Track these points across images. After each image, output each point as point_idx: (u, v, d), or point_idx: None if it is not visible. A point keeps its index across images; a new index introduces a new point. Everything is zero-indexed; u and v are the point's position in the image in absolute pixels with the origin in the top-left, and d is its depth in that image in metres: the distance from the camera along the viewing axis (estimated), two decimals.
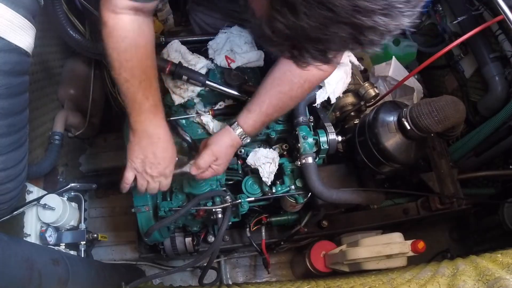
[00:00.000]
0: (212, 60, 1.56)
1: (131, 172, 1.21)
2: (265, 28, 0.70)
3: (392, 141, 1.36)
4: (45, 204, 1.52)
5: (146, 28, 1.12)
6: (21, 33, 0.95)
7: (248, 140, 1.34)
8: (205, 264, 1.56)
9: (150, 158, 1.18)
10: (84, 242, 1.68)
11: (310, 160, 1.40)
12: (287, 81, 1.24)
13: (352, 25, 0.62)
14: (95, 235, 1.83)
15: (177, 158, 1.43)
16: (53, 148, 1.72)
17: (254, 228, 1.75)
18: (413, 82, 2.18)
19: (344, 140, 1.54)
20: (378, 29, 0.63)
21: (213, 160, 1.27)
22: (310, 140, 1.41)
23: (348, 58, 1.61)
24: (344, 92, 1.62)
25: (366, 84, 1.64)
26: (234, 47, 1.56)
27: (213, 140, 1.29)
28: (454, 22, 2.13)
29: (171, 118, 1.55)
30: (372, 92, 1.62)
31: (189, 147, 1.50)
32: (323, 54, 0.70)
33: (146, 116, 1.14)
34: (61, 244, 1.60)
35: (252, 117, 1.28)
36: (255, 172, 1.51)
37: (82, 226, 1.75)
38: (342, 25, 0.62)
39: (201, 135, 1.53)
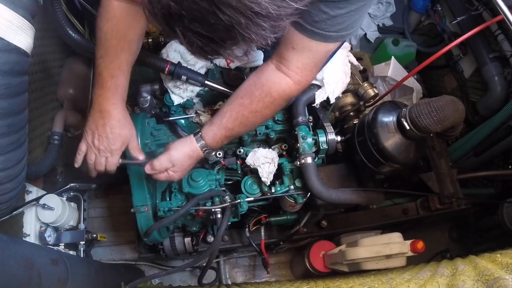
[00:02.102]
0: (211, 60, 1.56)
1: (83, 143, 1.27)
2: None
3: (391, 141, 1.36)
4: (44, 204, 1.52)
5: (132, 17, 1.15)
6: (20, 33, 0.95)
7: (212, 153, 1.33)
8: (204, 264, 1.56)
9: (100, 131, 1.22)
10: (84, 242, 1.68)
11: (309, 160, 1.39)
12: (250, 93, 1.21)
13: None
14: (95, 235, 1.83)
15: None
16: (52, 148, 1.72)
17: (253, 228, 1.75)
18: (412, 82, 2.18)
19: (343, 140, 1.54)
20: (235, 6, 0.63)
21: (169, 165, 1.25)
22: (310, 140, 1.41)
23: (347, 58, 1.61)
24: (343, 92, 1.62)
25: (365, 84, 1.64)
26: None
27: (174, 145, 1.28)
28: (454, 22, 2.14)
29: (170, 118, 1.55)
30: (371, 92, 1.62)
31: None
32: (200, 40, 0.70)
33: (104, 92, 1.19)
34: (60, 244, 1.60)
35: (213, 129, 1.25)
36: (254, 172, 1.51)
37: (81, 226, 1.75)
38: None
39: None
